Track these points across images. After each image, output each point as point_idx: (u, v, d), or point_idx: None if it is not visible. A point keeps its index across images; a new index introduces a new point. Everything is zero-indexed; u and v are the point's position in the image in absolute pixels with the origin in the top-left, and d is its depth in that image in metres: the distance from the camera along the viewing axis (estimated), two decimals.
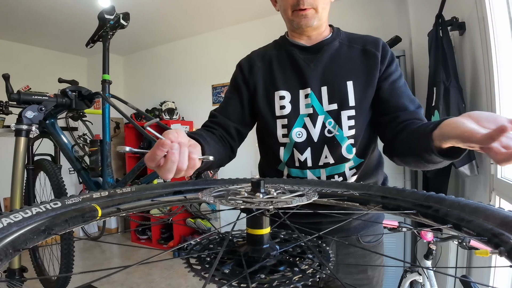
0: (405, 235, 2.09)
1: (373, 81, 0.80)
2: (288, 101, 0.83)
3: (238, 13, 3.19)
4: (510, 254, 0.32)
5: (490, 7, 1.30)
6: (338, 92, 0.80)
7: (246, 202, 0.38)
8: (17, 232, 0.37)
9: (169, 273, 2.85)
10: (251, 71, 0.87)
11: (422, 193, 0.50)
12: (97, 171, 1.60)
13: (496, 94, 1.30)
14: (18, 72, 3.20)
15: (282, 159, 0.85)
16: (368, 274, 0.88)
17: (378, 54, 0.80)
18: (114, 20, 1.70)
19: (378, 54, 0.80)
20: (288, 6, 0.80)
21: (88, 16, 2.73)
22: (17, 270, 1.44)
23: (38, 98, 1.47)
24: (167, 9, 3.02)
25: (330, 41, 0.84)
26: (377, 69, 0.80)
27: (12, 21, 3.04)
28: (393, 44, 2.28)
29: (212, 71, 3.63)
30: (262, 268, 0.37)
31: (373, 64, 0.80)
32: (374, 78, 0.80)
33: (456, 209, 0.43)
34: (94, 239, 3.24)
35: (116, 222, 4.18)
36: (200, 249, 0.43)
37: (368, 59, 0.81)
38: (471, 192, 1.69)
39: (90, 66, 4.37)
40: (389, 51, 0.82)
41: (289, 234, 0.49)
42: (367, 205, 0.56)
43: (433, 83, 1.71)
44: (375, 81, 0.80)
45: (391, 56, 0.82)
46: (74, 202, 0.47)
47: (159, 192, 0.60)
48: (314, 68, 0.82)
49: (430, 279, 1.40)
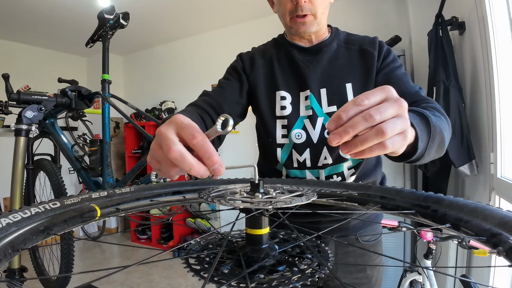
0: (405, 234, 2.09)
1: (372, 81, 0.79)
2: (289, 102, 0.82)
3: (238, 13, 3.19)
4: (508, 254, 0.32)
5: (490, 7, 1.31)
6: (338, 94, 0.80)
7: (245, 202, 0.38)
8: (16, 232, 0.37)
9: (169, 272, 2.86)
10: (253, 66, 0.86)
11: (421, 193, 0.50)
12: (97, 171, 1.61)
13: (495, 94, 1.30)
14: (17, 72, 3.20)
15: (279, 160, 0.85)
16: (367, 273, 0.88)
17: (375, 53, 0.80)
18: (114, 20, 1.70)
19: (375, 53, 0.80)
20: (286, 11, 0.78)
21: (87, 15, 2.72)
22: (17, 270, 1.44)
23: (37, 98, 1.47)
24: (167, 9, 3.02)
25: (329, 42, 0.84)
26: (375, 67, 0.79)
27: (11, 21, 3.03)
28: (393, 44, 2.28)
29: (212, 71, 3.62)
30: (261, 268, 0.37)
31: (371, 64, 0.80)
32: (373, 77, 0.79)
33: (455, 209, 0.43)
34: (94, 239, 3.24)
35: (116, 222, 4.18)
36: (200, 249, 0.43)
37: (366, 59, 0.80)
38: (471, 191, 1.69)
39: (90, 66, 4.37)
40: (384, 46, 0.82)
41: (288, 234, 0.49)
42: (366, 205, 0.56)
43: (433, 82, 1.71)
44: (373, 79, 0.79)
45: (387, 50, 0.81)
46: (73, 202, 0.47)
47: (158, 192, 0.60)
48: (313, 70, 0.82)
49: (430, 278, 1.40)
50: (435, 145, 0.51)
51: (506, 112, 1.29)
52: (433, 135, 0.49)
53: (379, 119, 0.35)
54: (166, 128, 0.37)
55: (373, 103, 0.37)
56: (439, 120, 0.55)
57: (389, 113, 0.36)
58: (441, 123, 0.55)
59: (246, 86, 0.86)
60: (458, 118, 1.56)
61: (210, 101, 0.79)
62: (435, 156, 0.55)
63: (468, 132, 1.56)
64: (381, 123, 0.36)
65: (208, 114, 0.76)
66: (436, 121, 0.52)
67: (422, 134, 0.46)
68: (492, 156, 1.34)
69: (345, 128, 0.35)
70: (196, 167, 0.34)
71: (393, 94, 0.38)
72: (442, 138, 0.52)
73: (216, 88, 0.85)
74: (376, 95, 0.37)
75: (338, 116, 0.36)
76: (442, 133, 0.52)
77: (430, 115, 0.50)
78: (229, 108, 0.80)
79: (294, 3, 0.76)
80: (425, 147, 0.48)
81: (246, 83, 0.86)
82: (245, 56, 0.89)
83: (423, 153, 0.49)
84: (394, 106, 0.37)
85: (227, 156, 3.38)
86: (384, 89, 0.38)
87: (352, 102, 0.36)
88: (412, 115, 0.47)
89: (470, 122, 1.60)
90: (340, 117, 0.36)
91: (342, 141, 0.36)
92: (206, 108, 0.77)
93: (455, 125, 1.56)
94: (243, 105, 0.86)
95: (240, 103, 0.84)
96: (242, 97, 0.85)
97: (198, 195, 0.45)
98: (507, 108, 1.29)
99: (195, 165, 0.34)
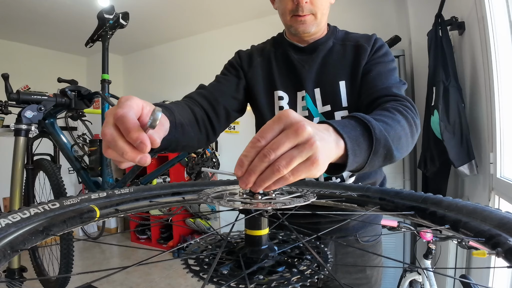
0: (405, 234, 2.09)
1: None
2: (286, 102, 0.82)
3: (237, 13, 3.18)
4: (507, 255, 0.32)
5: (490, 7, 1.31)
6: (331, 94, 0.79)
7: (245, 203, 0.38)
8: (15, 233, 0.37)
9: (169, 272, 2.86)
10: (251, 64, 0.86)
11: (420, 195, 0.50)
12: (96, 171, 1.61)
13: (495, 94, 1.30)
14: (17, 72, 3.19)
15: None
16: (367, 274, 0.88)
17: (368, 48, 0.79)
18: (114, 20, 1.70)
19: (368, 48, 0.78)
20: (287, 10, 0.78)
21: (87, 15, 2.72)
22: (16, 270, 1.44)
23: (37, 97, 1.47)
24: (166, 9, 3.01)
25: (325, 40, 0.83)
26: (365, 61, 0.78)
27: (11, 20, 3.03)
28: (392, 44, 2.27)
29: (212, 71, 3.60)
30: (260, 269, 0.37)
31: (362, 58, 0.78)
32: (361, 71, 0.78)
33: (454, 210, 0.43)
34: (94, 240, 3.24)
35: (116, 222, 4.18)
36: (199, 250, 0.43)
37: (359, 54, 0.79)
38: (471, 191, 1.69)
39: (90, 66, 4.37)
40: (379, 41, 0.80)
41: (287, 235, 0.49)
42: (365, 206, 0.56)
43: (432, 82, 1.71)
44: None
45: (380, 45, 0.79)
46: (72, 203, 0.47)
47: (157, 193, 0.60)
48: (309, 69, 0.81)
49: (430, 278, 1.41)
50: (379, 157, 0.49)
51: (506, 112, 1.29)
52: (375, 149, 0.47)
53: (273, 157, 0.35)
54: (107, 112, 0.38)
55: (269, 140, 0.36)
56: (391, 127, 0.52)
57: (285, 146, 0.35)
58: (396, 129, 0.53)
59: (243, 82, 0.85)
60: (457, 118, 1.56)
61: (205, 94, 0.78)
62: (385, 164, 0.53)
63: (468, 132, 1.56)
64: (278, 159, 0.35)
65: (201, 106, 0.75)
66: (385, 130, 0.49)
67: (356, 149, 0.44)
68: (492, 156, 1.34)
69: (248, 172, 0.36)
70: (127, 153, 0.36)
71: (291, 120, 0.36)
72: (389, 149, 0.49)
73: (213, 82, 0.84)
74: (273, 129, 0.36)
75: (240, 160, 0.37)
76: (389, 144, 0.49)
77: (376, 126, 0.48)
78: (224, 101, 0.79)
79: (295, 3, 0.75)
80: (365, 162, 0.47)
81: (243, 80, 0.85)
82: (243, 54, 0.89)
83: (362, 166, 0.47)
84: (290, 137, 0.35)
85: (227, 156, 3.38)
86: (280, 118, 0.36)
87: (250, 144, 0.37)
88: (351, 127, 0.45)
89: (469, 122, 1.60)
90: (242, 162, 0.36)
91: (250, 184, 0.36)
92: (200, 100, 0.75)
93: (454, 125, 1.56)
94: (240, 100, 0.85)
95: (236, 98, 0.83)
96: (239, 92, 0.84)
97: (197, 196, 0.45)
98: (507, 108, 1.29)
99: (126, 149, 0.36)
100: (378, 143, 0.47)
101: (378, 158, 0.48)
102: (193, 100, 0.75)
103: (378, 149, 0.47)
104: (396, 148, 0.51)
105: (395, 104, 0.62)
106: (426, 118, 1.78)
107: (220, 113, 0.77)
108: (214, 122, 0.76)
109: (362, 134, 0.46)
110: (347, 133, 0.43)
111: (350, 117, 0.49)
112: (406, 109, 0.60)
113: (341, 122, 0.45)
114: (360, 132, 0.46)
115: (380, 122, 0.50)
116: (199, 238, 0.46)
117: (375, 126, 0.47)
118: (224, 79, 0.84)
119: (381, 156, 0.49)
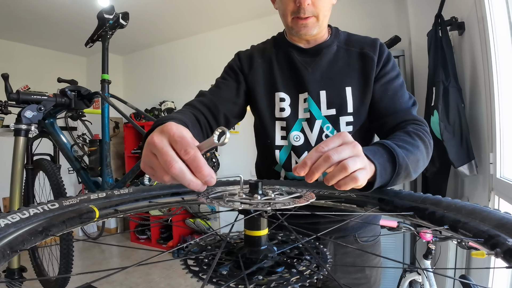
0: (405, 234, 2.09)
1: (370, 85, 0.79)
2: (288, 104, 0.82)
3: (237, 13, 3.18)
4: (506, 256, 0.32)
5: (490, 7, 1.31)
6: (337, 98, 0.79)
7: (244, 204, 0.38)
8: (15, 233, 0.37)
9: (169, 272, 2.86)
10: (251, 66, 0.85)
11: (419, 195, 0.50)
12: (96, 171, 1.60)
13: (495, 94, 1.30)
14: (17, 72, 3.19)
15: (278, 161, 0.84)
16: (366, 273, 0.88)
17: (375, 58, 0.79)
18: (114, 20, 1.69)
19: (375, 58, 0.79)
20: (288, 11, 0.76)
21: (87, 15, 2.72)
22: (16, 270, 1.44)
23: (37, 97, 1.47)
24: (166, 9, 3.01)
25: (329, 44, 0.82)
26: (374, 73, 0.78)
27: (11, 20, 3.03)
28: (392, 44, 2.27)
29: (211, 71, 3.61)
30: (259, 270, 0.37)
31: (370, 68, 0.78)
32: (371, 83, 0.79)
33: (453, 211, 0.43)
34: (93, 240, 3.24)
35: (116, 222, 4.18)
36: (198, 250, 0.43)
37: (365, 63, 0.79)
38: (470, 192, 1.69)
39: (89, 66, 4.37)
40: (385, 51, 0.81)
41: (286, 236, 0.49)
42: (364, 207, 0.56)
43: (432, 83, 1.71)
44: (371, 85, 0.79)
45: (387, 56, 0.80)
46: (72, 203, 0.47)
47: (156, 193, 0.60)
48: (312, 72, 0.81)
49: (429, 278, 1.41)
50: (400, 178, 0.57)
51: (506, 112, 1.29)
52: (398, 172, 0.55)
53: (336, 158, 0.44)
54: (160, 139, 0.40)
55: (331, 148, 0.45)
56: (412, 153, 0.60)
57: (345, 153, 0.45)
58: (415, 154, 0.61)
59: (243, 86, 0.84)
60: (457, 118, 1.56)
61: (206, 102, 0.78)
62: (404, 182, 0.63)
63: (468, 133, 1.56)
64: (343, 160, 0.44)
65: (203, 115, 0.75)
66: (406, 156, 0.57)
67: (383, 173, 0.53)
68: (492, 156, 1.34)
69: (312, 171, 0.44)
70: (194, 183, 0.38)
71: (349, 139, 0.47)
72: (408, 172, 0.58)
73: (213, 88, 0.84)
74: (334, 142, 0.46)
75: (304, 162, 0.45)
76: (409, 168, 0.58)
77: (399, 153, 0.56)
78: (224, 108, 0.79)
79: (297, 5, 0.74)
80: (388, 182, 0.55)
81: (243, 83, 0.85)
82: (243, 55, 0.87)
83: (386, 185, 0.56)
84: (349, 148, 0.45)
85: (227, 157, 3.38)
86: (341, 135, 0.47)
87: (314, 150, 0.45)
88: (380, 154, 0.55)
89: (469, 122, 1.60)
90: (306, 163, 0.45)
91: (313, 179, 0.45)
92: (201, 108, 0.76)
93: (454, 125, 1.56)
94: (240, 105, 0.84)
95: (236, 103, 0.83)
96: (239, 97, 0.84)
97: (196, 197, 0.45)
98: (507, 108, 1.29)
99: (194, 180, 0.38)
100: (400, 167, 0.56)
101: (399, 179, 0.57)
102: (195, 109, 0.75)
103: (400, 172, 0.56)
104: (414, 170, 0.60)
105: (416, 128, 0.70)
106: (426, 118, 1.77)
107: (220, 121, 0.79)
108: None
109: (388, 160, 0.55)
110: (377, 160, 0.52)
111: (378, 144, 0.59)
112: (424, 133, 0.68)
113: (371, 150, 0.54)
114: (386, 158, 0.55)
115: (402, 149, 0.58)
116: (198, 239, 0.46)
117: (398, 154, 0.56)
118: (223, 84, 0.84)
119: (402, 177, 0.58)
